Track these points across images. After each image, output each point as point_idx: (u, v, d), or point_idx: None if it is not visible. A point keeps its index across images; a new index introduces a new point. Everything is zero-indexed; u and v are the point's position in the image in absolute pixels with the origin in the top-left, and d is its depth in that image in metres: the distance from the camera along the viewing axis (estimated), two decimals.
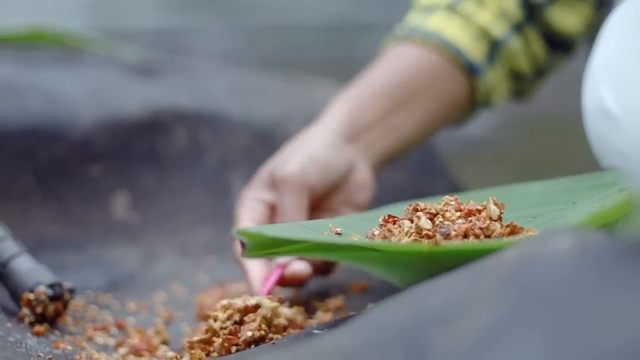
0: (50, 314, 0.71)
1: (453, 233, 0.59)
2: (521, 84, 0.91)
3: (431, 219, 0.61)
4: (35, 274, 0.72)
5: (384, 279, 0.71)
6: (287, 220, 0.77)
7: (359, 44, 2.18)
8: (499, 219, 0.61)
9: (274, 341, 0.63)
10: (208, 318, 0.66)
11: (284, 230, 0.64)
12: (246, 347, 0.65)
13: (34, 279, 0.72)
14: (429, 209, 0.62)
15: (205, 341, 0.65)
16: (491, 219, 0.61)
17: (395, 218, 0.62)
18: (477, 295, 0.41)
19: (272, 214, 0.79)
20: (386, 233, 0.61)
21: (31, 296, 0.70)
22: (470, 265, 0.48)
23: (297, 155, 0.78)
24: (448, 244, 0.58)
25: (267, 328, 0.64)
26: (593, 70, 0.72)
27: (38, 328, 0.70)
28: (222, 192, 1.01)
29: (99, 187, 0.97)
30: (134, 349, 0.71)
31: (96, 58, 1.19)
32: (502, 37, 0.87)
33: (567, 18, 0.88)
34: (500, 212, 0.61)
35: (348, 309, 0.75)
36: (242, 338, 0.63)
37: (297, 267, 0.75)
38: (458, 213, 0.61)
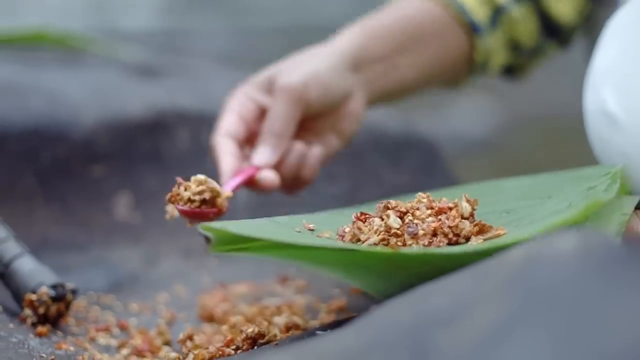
0: (52, 315, 0.71)
1: (421, 232, 0.59)
2: (517, 57, 0.92)
3: (401, 217, 0.61)
4: (37, 275, 0.72)
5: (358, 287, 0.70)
6: (275, 128, 0.77)
7: None
8: (471, 216, 0.61)
9: (277, 342, 0.63)
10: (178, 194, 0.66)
11: (249, 227, 0.60)
12: (248, 347, 0.65)
13: (37, 280, 0.72)
14: (400, 207, 0.61)
15: None
16: (462, 217, 0.60)
17: (367, 215, 0.62)
18: (482, 295, 0.41)
19: (260, 117, 0.79)
20: (356, 231, 0.61)
21: (33, 297, 0.70)
22: (474, 265, 0.48)
23: (302, 68, 0.79)
24: (408, 250, 0.57)
25: (209, 198, 0.66)
26: (595, 72, 0.72)
27: (40, 329, 0.70)
28: None
29: (102, 188, 0.97)
30: (137, 350, 0.71)
31: (98, 59, 1.20)
32: (505, 4, 0.89)
33: (561, 3, 0.89)
34: (472, 209, 0.61)
35: (350, 310, 0.75)
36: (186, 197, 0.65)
37: (268, 176, 0.76)
38: (429, 211, 0.61)
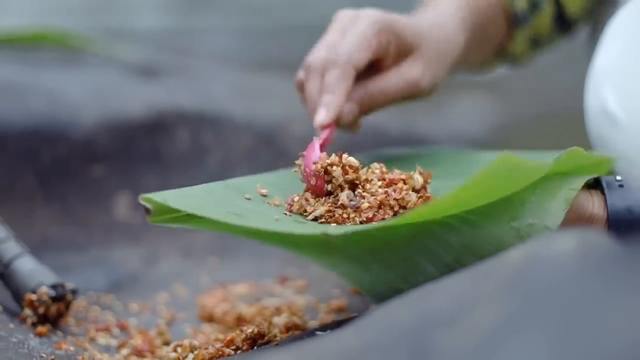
0: (52, 315, 0.71)
1: (366, 205, 0.59)
2: (534, 48, 0.93)
3: (353, 189, 0.61)
4: (37, 275, 0.72)
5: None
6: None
7: None
8: (423, 189, 0.61)
9: (277, 342, 0.63)
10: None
11: (190, 199, 0.58)
12: (249, 348, 0.65)
13: (37, 280, 0.72)
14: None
15: None
16: (414, 189, 0.60)
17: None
18: (481, 296, 0.41)
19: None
20: (303, 202, 0.61)
21: (33, 297, 0.70)
22: (473, 266, 0.48)
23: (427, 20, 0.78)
24: (337, 230, 0.56)
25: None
26: (595, 72, 0.72)
27: (40, 329, 0.70)
28: None
29: (102, 188, 0.97)
30: (136, 350, 0.71)
31: (98, 59, 1.20)
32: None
33: None
34: (424, 181, 0.61)
35: (350, 310, 0.75)
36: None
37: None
38: (380, 182, 0.61)
